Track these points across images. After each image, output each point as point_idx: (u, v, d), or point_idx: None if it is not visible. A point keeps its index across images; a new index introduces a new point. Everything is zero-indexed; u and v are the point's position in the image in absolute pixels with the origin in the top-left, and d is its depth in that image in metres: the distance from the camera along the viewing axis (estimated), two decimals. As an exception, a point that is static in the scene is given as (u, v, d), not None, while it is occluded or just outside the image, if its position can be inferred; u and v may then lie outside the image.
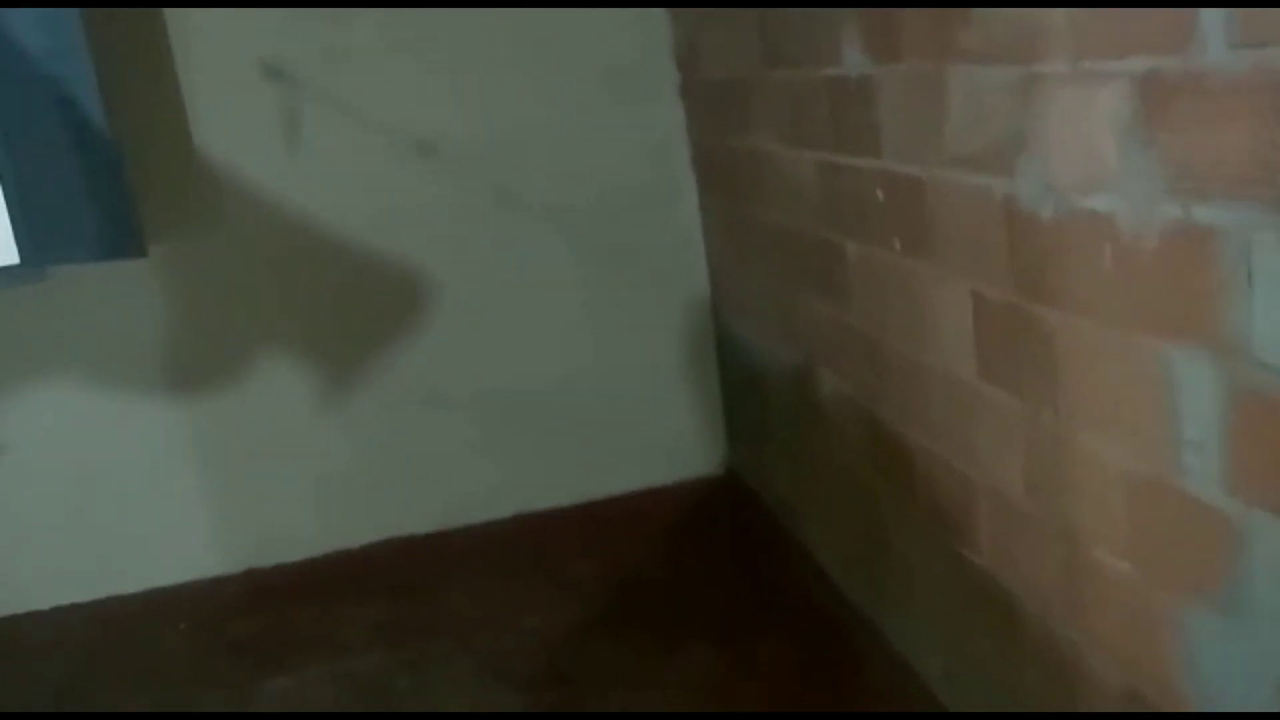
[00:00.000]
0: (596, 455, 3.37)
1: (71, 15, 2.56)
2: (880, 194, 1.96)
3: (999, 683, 1.87)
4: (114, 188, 2.68)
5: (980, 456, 1.78)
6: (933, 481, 1.97)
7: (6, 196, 2.77)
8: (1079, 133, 1.35)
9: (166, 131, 2.94)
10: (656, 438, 3.40)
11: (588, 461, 3.38)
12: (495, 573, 3.09)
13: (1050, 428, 1.55)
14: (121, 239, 2.73)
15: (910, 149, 1.83)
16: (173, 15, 2.87)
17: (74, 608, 3.13)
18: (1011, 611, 1.76)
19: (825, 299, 2.36)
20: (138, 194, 2.76)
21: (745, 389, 3.19)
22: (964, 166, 1.66)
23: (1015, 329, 1.59)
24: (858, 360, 2.24)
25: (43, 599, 3.12)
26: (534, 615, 2.83)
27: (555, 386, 3.32)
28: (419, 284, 3.18)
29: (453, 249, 3.18)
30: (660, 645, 2.63)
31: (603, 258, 3.27)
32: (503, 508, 3.33)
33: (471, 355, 3.25)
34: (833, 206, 2.21)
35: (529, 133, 3.15)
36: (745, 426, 3.29)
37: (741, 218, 2.90)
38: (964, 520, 1.87)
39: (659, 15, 3.15)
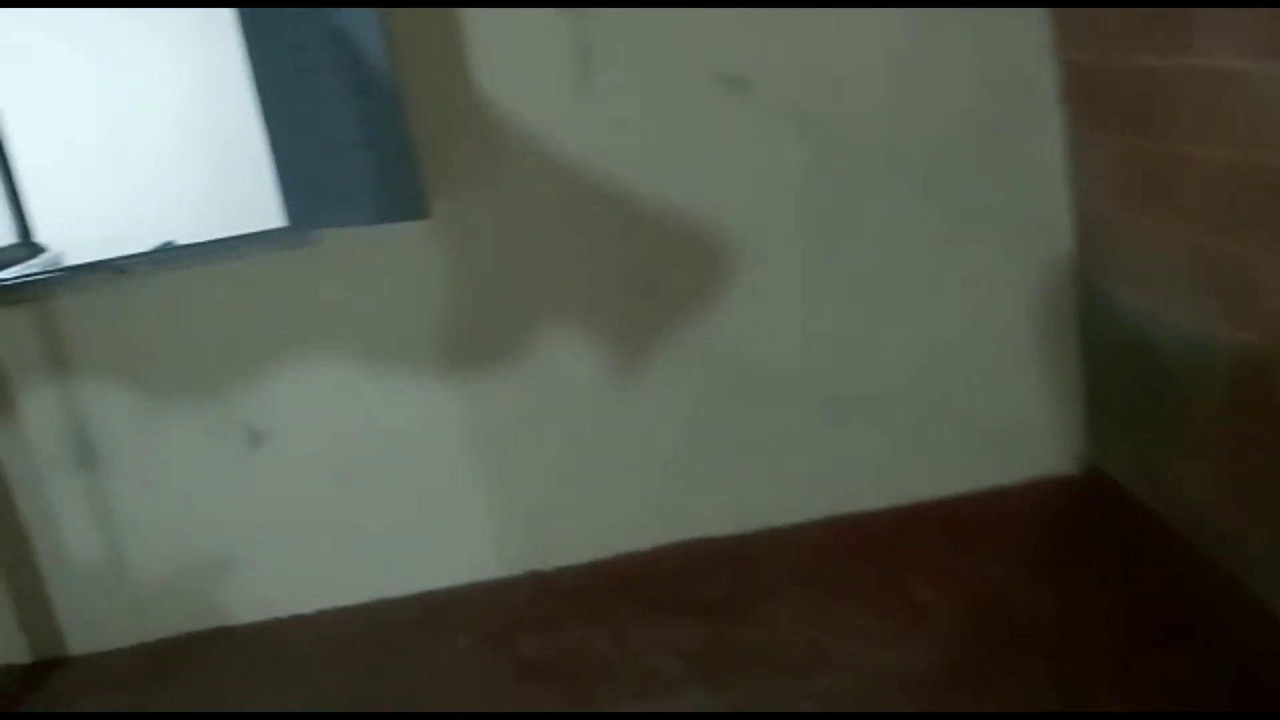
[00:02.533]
0: (925, 448, 2.83)
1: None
2: None
3: None
4: (395, 139, 2.28)
5: None
6: None
7: (274, 152, 2.42)
8: None
9: (445, 73, 2.52)
10: (998, 427, 2.83)
11: (915, 455, 2.84)
12: (818, 589, 2.59)
13: None
14: (402, 199, 2.33)
15: None
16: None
17: (340, 612, 2.82)
18: None
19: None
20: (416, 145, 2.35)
21: (1126, 369, 2.57)
22: None
23: None
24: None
25: (307, 601, 2.82)
26: (881, 650, 2.32)
27: (878, 366, 2.79)
28: (725, 246, 2.69)
29: (765, 204, 2.68)
30: (1058, 697, 2.08)
31: (939, 211, 2.70)
32: (815, 508, 2.83)
33: (783, 329, 2.75)
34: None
35: (853, 62, 2.60)
36: (1121, 415, 2.67)
37: (1149, 156, 2.27)
38: None
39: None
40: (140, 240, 4.70)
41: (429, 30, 2.49)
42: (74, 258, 4.60)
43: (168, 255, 2.61)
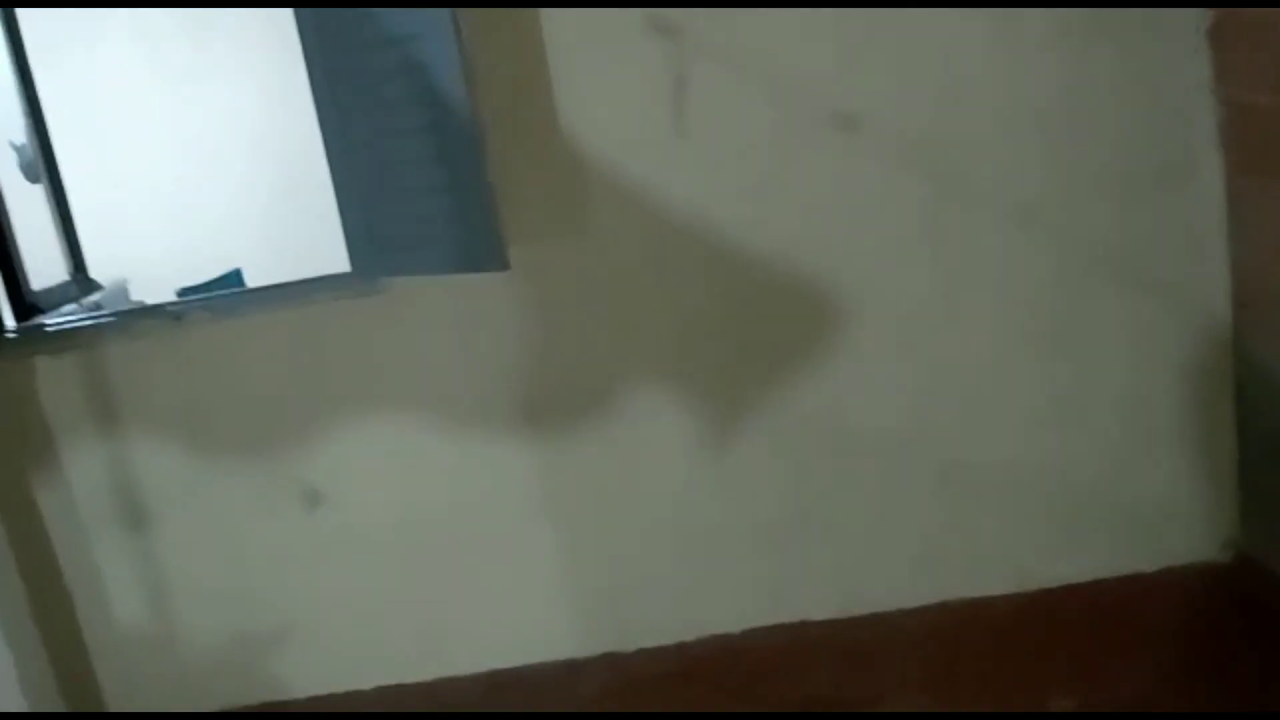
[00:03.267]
0: (1054, 527, 2.52)
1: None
2: None
3: None
4: (473, 182, 2.05)
5: None
6: None
7: (340, 193, 2.21)
8: None
9: (525, 108, 2.30)
10: (1138, 506, 2.51)
11: (1042, 535, 2.53)
12: (932, 691, 2.30)
13: None
14: (479, 247, 2.10)
15: None
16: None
17: (401, 689, 2.59)
18: None
19: None
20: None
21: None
22: None
23: None
24: None
25: (366, 676, 2.59)
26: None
27: (1001, 434, 2.49)
28: (832, 299, 2.42)
29: (877, 253, 2.41)
30: None
31: (1075, 265, 2.40)
32: (926, 592, 2.54)
33: (895, 391, 2.47)
34: None
35: (980, 96, 2.33)
36: (1278, 499, 2.34)
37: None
38: None
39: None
40: (204, 271, 4.60)
41: (508, 61, 2.27)
42: (135, 289, 4.50)
43: (226, 302, 2.42)
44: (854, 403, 2.48)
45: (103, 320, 2.42)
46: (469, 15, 2.00)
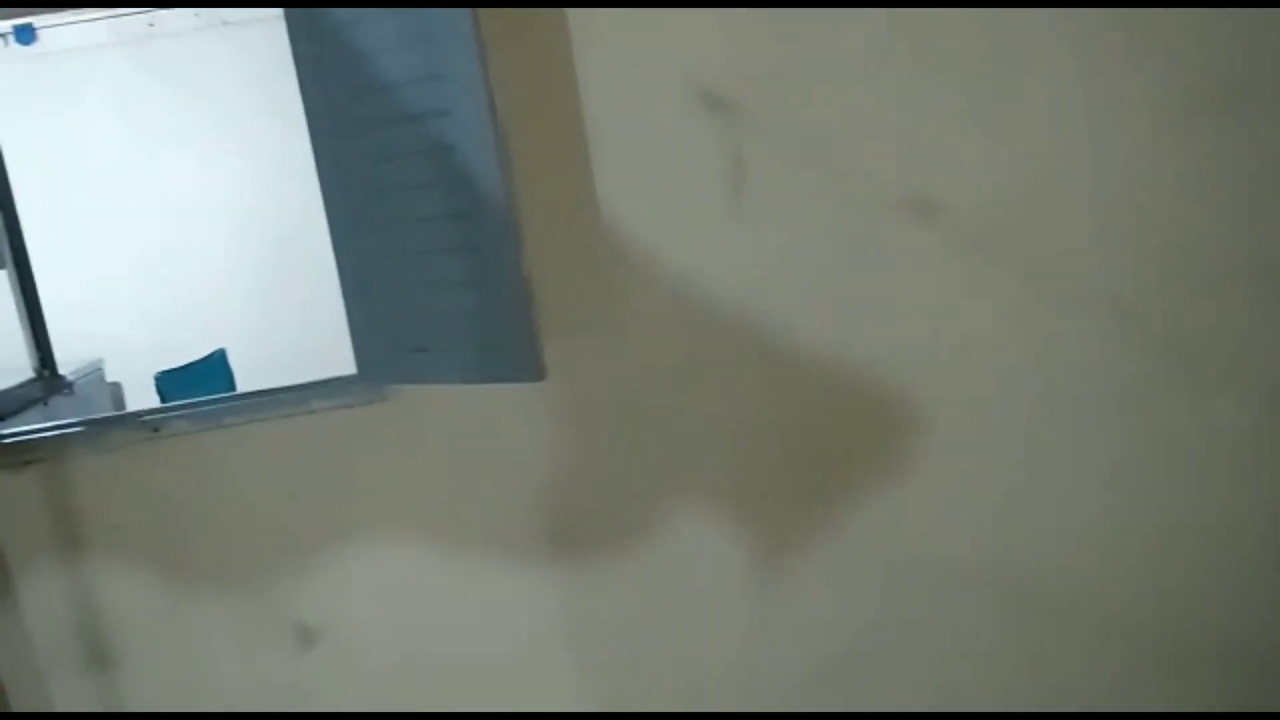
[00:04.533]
0: (1152, 666, 2.22)
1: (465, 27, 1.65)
2: None
3: None
4: (505, 279, 1.76)
5: None
6: None
7: (346, 285, 1.92)
8: None
9: (562, 190, 2.02)
10: (1251, 643, 2.21)
11: (1137, 676, 2.23)
12: None
13: None
14: (508, 354, 1.81)
15: None
16: (580, 33, 1.95)
17: None
18: None
19: None
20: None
21: None
22: None
23: None
24: None
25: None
26: None
27: (1092, 562, 2.20)
28: (903, 409, 2.14)
29: (952, 358, 2.13)
30: None
31: (1179, 371, 2.14)
32: (1010, 737, 2.22)
33: (973, 515, 2.19)
34: None
35: (1074, 184, 2.07)
36: None
37: None
38: None
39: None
40: (186, 350, 4.29)
41: (543, 139, 1.99)
42: (111, 370, 4.18)
43: (210, 410, 2.10)
44: (922, 525, 2.19)
45: (69, 430, 2.10)
46: (502, 88, 1.72)
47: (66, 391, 2.83)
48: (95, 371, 4.22)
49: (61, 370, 2.77)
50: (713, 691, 2.20)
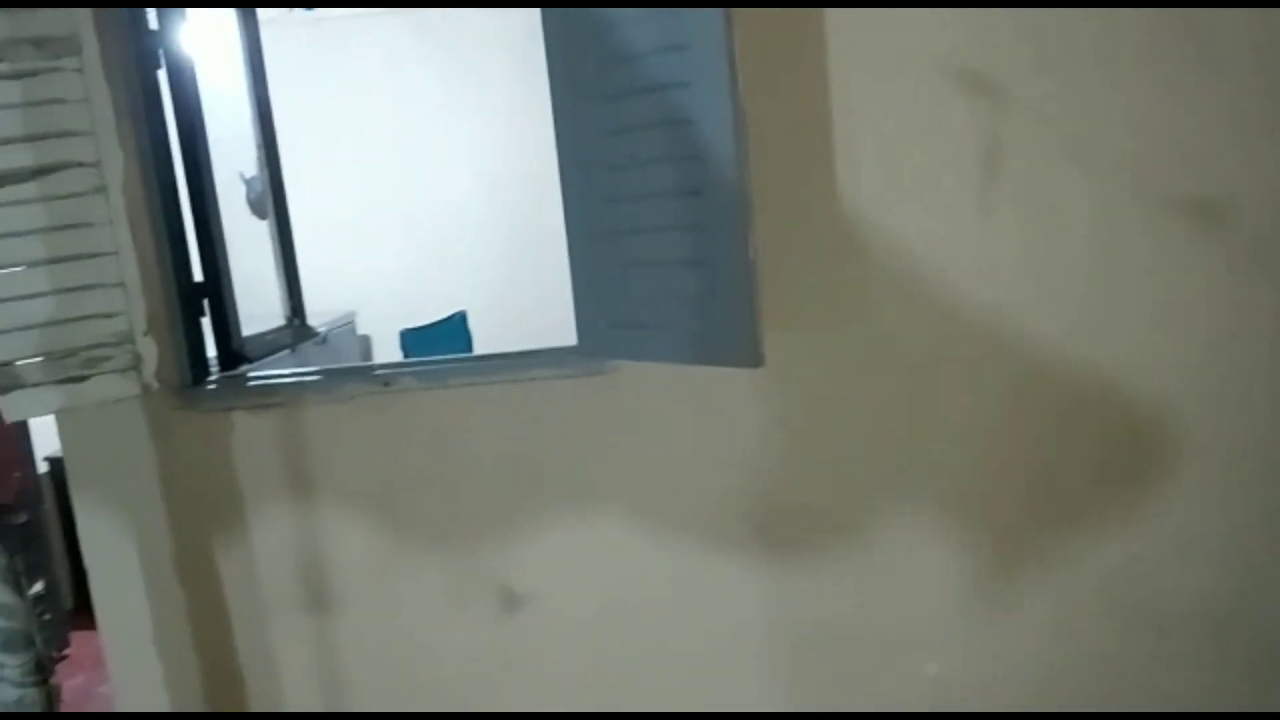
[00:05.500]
0: None
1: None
2: None
3: None
4: (732, 260, 1.68)
5: None
6: None
7: (573, 254, 1.89)
8: None
9: (798, 172, 1.92)
10: None
11: None
12: None
13: None
14: (728, 337, 1.73)
15: None
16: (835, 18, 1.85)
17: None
18: None
19: None
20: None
21: None
22: None
23: None
24: None
25: (550, 807, 2.23)
26: None
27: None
28: (1157, 429, 1.92)
29: (1222, 377, 1.91)
30: None
31: None
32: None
33: (1218, 551, 1.95)
34: None
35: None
36: None
37: None
38: None
39: None
40: (429, 310, 4.45)
41: (784, 118, 1.90)
42: (362, 323, 4.39)
43: (437, 370, 2.14)
44: (1164, 560, 1.97)
45: (306, 379, 2.18)
46: (746, 63, 1.64)
47: (319, 341, 2.97)
48: (347, 324, 4.46)
49: (317, 323, 2.91)
50: (917, 699, 2.07)
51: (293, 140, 2.84)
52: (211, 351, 2.26)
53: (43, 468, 3.60)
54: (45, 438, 3.34)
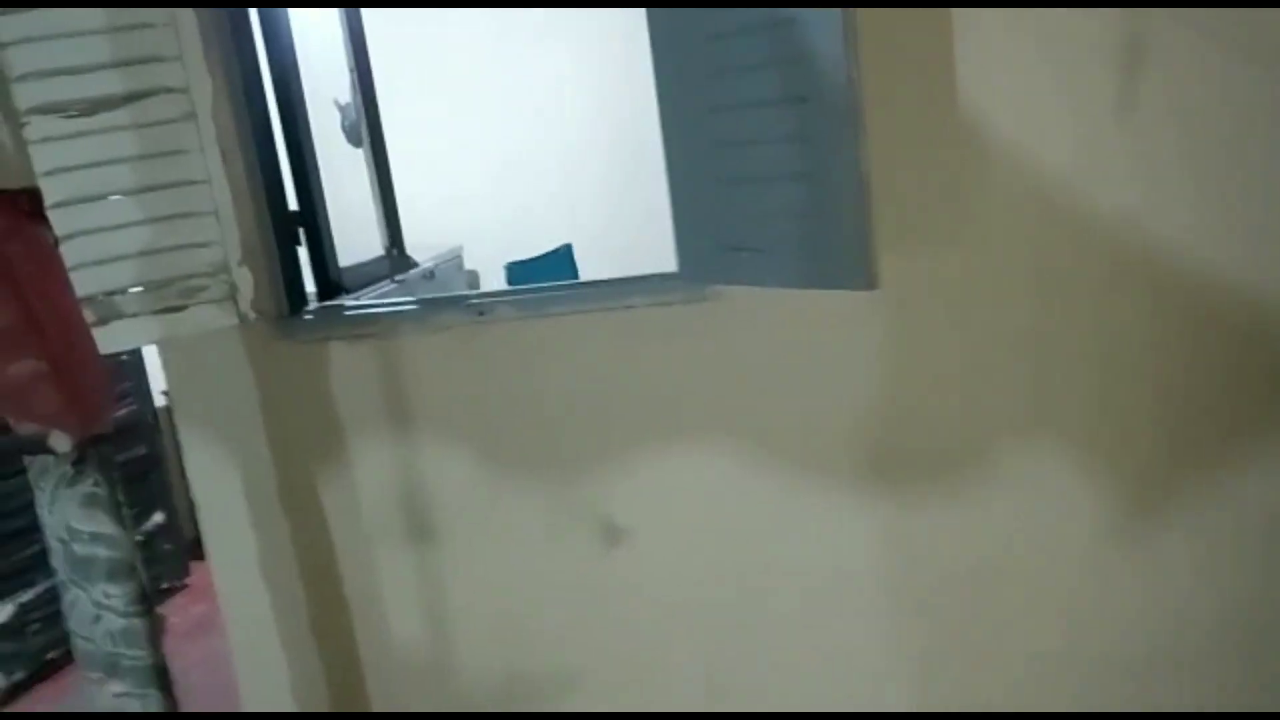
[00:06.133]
0: None
1: None
2: None
3: None
4: (843, 174, 1.56)
5: None
6: None
7: (670, 171, 1.79)
8: None
9: (917, 77, 1.77)
10: None
11: None
12: None
13: None
14: (839, 259, 1.61)
15: None
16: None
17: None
18: None
19: None
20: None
21: None
22: None
23: None
24: None
25: (660, 745, 2.19)
26: None
27: None
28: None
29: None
30: None
31: None
32: None
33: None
34: None
35: None
36: None
37: None
38: None
39: None
40: (536, 243, 4.40)
41: (899, 11, 1.75)
42: (470, 259, 4.36)
43: (533, 299, 2.07)
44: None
45: (402, 309, 2.14)
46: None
47: (428, 276, 2.93)
48: (455, 258, 4.42)
49: (424, 257, 2.87)
50: (1043, 648, 1.95)
51: (391, 71, 2.78)
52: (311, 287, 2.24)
53: (160, 401, 3.67)
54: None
